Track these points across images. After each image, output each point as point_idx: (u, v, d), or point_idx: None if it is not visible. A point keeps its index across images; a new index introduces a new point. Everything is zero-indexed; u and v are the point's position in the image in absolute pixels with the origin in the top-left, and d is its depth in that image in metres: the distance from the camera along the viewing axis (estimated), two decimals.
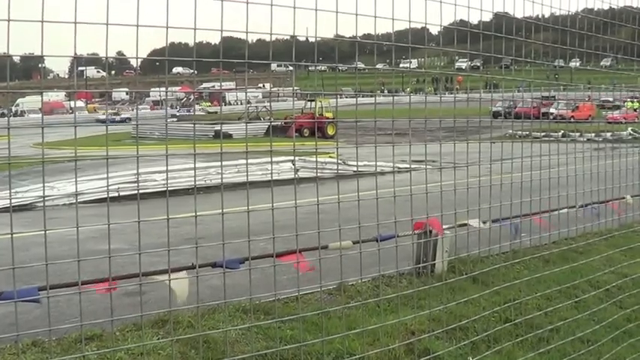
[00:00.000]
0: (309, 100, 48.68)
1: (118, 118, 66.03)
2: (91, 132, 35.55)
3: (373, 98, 4.98)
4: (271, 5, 3.81)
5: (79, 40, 3.35)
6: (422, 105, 5.10)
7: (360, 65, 6.48)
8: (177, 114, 66.50)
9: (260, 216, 3.98)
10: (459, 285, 7.18)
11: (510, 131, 6.27)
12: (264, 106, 59.60)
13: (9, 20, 3.02)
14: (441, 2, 4.52)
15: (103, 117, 57.28)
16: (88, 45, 4.13)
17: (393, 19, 4.28)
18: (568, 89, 7.38)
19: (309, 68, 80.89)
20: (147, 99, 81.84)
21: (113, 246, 3.72)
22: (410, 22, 4.32)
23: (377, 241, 6.60)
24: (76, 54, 3.37)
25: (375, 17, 4.18)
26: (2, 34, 3.11)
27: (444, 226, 8.78)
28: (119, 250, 3.98)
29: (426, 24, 4.47)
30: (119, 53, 14.10)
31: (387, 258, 5.24)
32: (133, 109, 73.32)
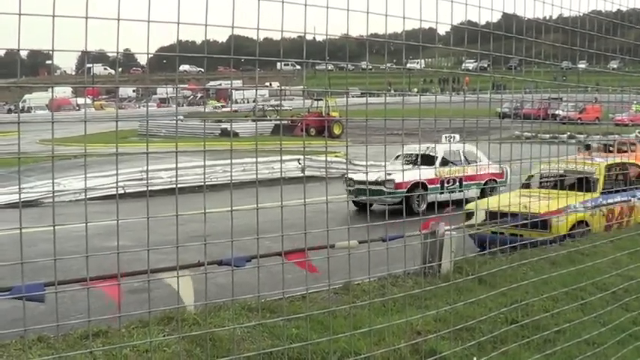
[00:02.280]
0: (315, 100, 48.64)
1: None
2: (97, 129, 35.61)
3: (380, 97, 4.98)
4: (282, 2, 3.80)
5: (87, 37, 3.36)
6: (428, 105, 5.09)
7: (368, 65, 6.48)
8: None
9: (266, 214, 3.98)
10: (466, 285, 7.17)
11: (517, 132, 6.27)
12: (271, 105, 59.59)
13: (20, 14, 3.02)
14: (452, 2, 4.51)
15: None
16: (95, 42, 4.13)
17: (404, 18, 4.28)
18: (576, 91, 7.34)
19: (316, 67, 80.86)
20: (154, 96, 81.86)
21: (120, 243, 3.72)
22: (421, 21, 4.31)
23: (384, 240, 6.59)
24: (86, 49, 3.38)
25: (386, 16, 4.17)
26: (10, 30, 3.12)
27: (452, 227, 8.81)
28: (125, 247, 3.97)
29: (437, 23, 4.46)
30: (126, 51, 14.11)
31: (392, 258, 5.23)
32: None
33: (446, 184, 19.19)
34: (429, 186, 18.76)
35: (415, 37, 4.68)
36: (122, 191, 20.99)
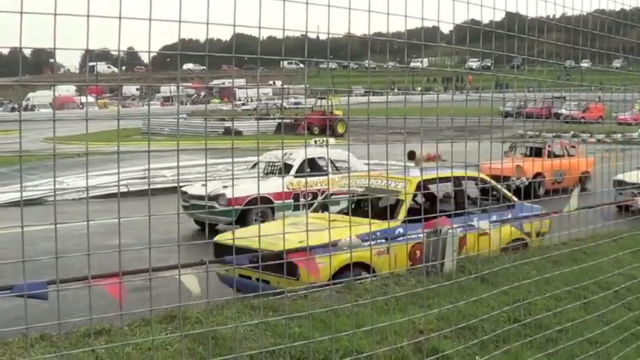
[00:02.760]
0: (319, 98, 48.60)
1: None
2: (100, 127, 35.68)
3: (383, 96, 4.98)
4: (284, 0, 3.80)
5: (90, 36, 3.36)
6: (431, 104, 5.09)
7: (371, 63, 6.48)
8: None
9: None
10: (468, 284, 7.17)
11: (520, 131, 6.25)
12: (275, 104, 59.62)
13: (21, 12, 3.03)
14: (454, 0, 4.51)
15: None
16: (98, 40, 4.13)
17: (406, 16, 4.27)
18: (579, 90, 7.34)
19: (320, 66, 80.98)
20: (157, 95, 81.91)
21: (121, 241, 3.73)
22: (423, 19, 4.31)
23: (386, 240, 6.60)
24: (87, 47, 3.38)
25: (388, 14, 4.17)
26: (12, 28, 3.12)
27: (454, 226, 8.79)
28: (126, 245, 3.98)
29: (439, 22, 4.46)
30: (130, 49, 14.05)
31: None
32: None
33: (302, 199, 15.68)
34: (275, 201, 15.23)
35: (418, 35, 4.68)
36: (125, 189, 21.02)
